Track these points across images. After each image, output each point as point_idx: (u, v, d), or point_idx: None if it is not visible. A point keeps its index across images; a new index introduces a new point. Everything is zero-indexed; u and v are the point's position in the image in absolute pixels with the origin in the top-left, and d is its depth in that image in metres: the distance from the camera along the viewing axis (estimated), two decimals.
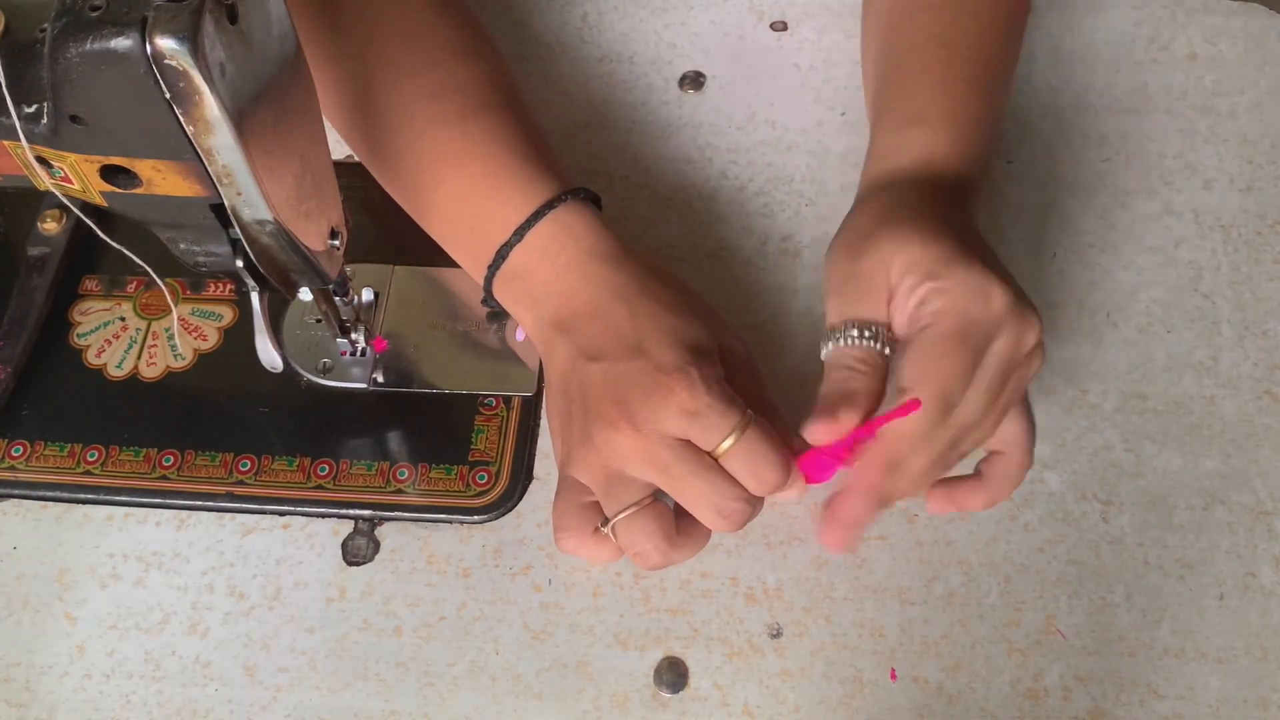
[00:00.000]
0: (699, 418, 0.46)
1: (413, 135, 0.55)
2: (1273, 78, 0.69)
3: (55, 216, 0.63)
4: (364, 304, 0.59)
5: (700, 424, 0.47)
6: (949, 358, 0.45)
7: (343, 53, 0.56)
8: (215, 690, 0.53)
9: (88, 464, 0.58)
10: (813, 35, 0.72)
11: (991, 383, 0.46)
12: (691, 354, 0.48)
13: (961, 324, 0.45)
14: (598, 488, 0.50)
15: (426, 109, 0.55)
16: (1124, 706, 0.52)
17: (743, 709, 0.52)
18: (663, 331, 0.49)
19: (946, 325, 0.45)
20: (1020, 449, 0.50)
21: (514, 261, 0.53)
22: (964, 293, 0.45)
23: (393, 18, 0.56)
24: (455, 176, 0.55)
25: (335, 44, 0.56)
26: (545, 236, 0.53)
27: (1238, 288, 0.62)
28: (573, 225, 0.53)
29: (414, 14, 0.57)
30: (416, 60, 0.56)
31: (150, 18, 0.36)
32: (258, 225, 0.45)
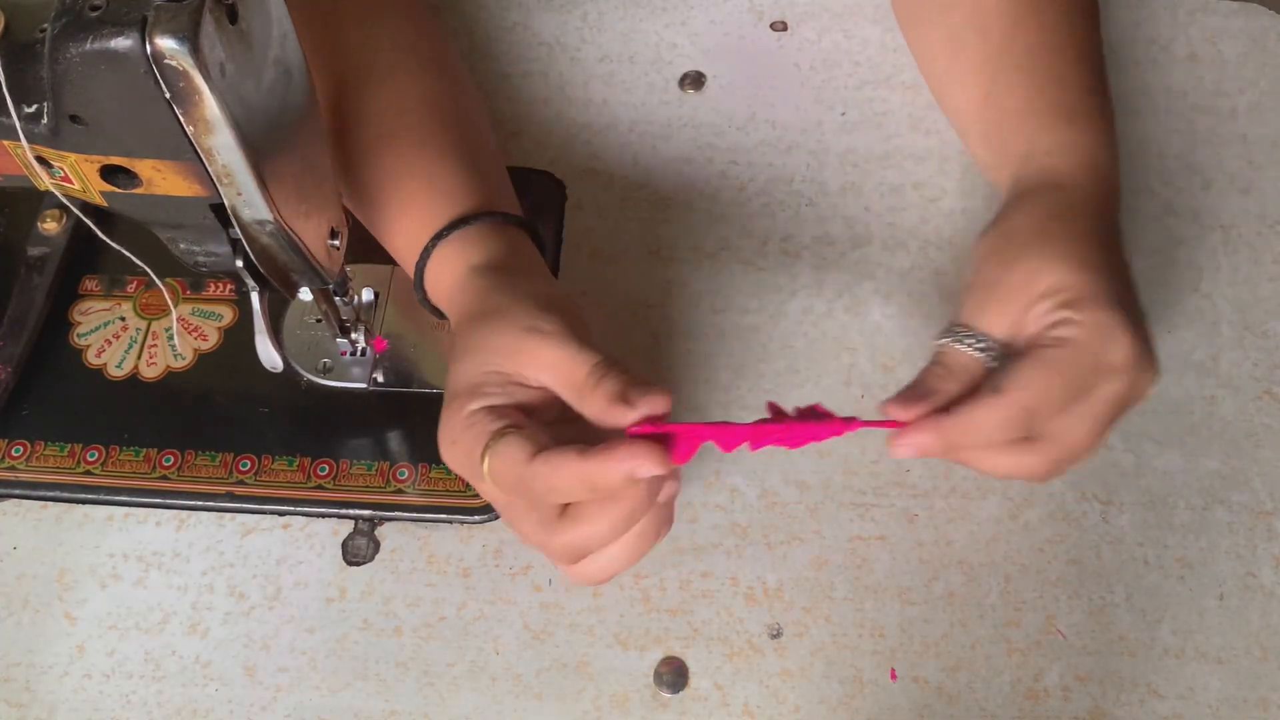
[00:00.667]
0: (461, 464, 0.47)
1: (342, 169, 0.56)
2: (1273, 78, 0.69)
3: (55, 216, 0.63)
4: (364, 304, 0.59)
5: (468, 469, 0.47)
6: (1050, 382, 0.46)
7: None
8: (215, 690, 0.53)
9: (88, 464, 0.58)
10: (813, 35, 0.72)
11: (1097, 421, 0.47)
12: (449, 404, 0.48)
13: (1077, 359, 0.46)
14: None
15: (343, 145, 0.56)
16: (1124, 706, 0.52)
17: (743, 709, 0.52)
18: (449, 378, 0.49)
19: (1064, 355, 0.46)
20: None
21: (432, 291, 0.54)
22: (1092, 333, 0.46)
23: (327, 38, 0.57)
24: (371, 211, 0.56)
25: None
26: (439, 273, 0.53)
27: (1238, 288, 0.62)
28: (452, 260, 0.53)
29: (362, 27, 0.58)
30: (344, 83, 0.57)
31: (150, 18, 0.36)
32: (258, 225, 0.45)
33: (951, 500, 0.57)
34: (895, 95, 0.69)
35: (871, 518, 0.56)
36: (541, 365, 0.46)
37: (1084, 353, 0.46)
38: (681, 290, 0.63)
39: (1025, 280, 0.48)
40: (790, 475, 0.57)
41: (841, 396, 0.59)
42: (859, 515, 0.56)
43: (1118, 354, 0.46)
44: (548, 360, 0.46)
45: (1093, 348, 0.46)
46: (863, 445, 0.58)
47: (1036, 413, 0.46)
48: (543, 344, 0.46)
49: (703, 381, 0.60)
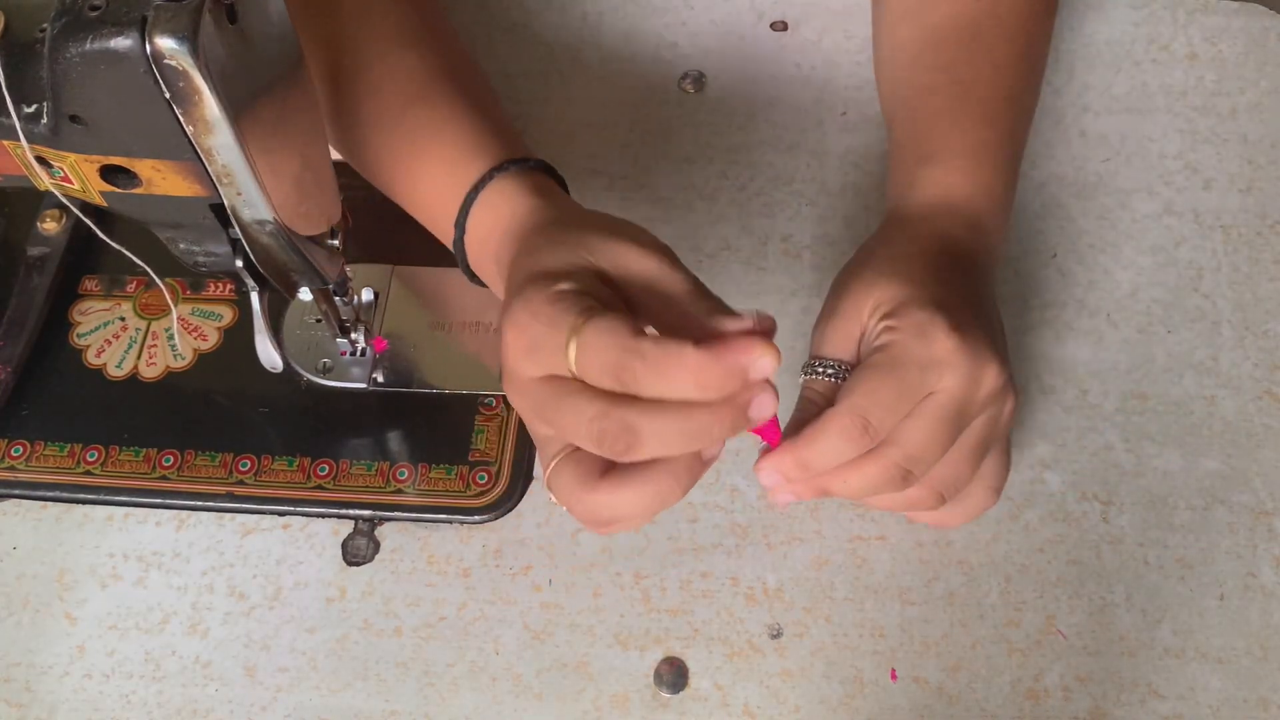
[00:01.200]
0: (533, 346, 0.42)
1: (362, 135, 0.56)
2: (1273, 78, 0.69)
3: (55, 216, 0.63)
4: (364, 304, 0.59)
5: (539, 352, 0.42)
6: (877, 384, 0.46)
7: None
8: (215, 690, 0.53)
9: (88, 464, 0.58)
10: (813, 35, 0.72)
11: (938, 421, 0.46)
12: (526, 286, 0.43)
13: (899, 358, 0.46)
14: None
15: (372, 105, 0.55)
16: (1124, 706, 0.52)
17: (743, 709, 0.52)
18: (511, 278, 0.46)
19: (885, 356, 0.47)
20: (982, 485, 0.51)
21: (473, 239, 0.52)
22: (909, 332, 0.47)
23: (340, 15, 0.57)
24: (402, 176, 0.55)
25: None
26: (483, 216, 0.51)
27: (1238, 288, 0.62)
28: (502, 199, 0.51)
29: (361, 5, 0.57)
30: (367, 52, 0.56)
31: (150, 17, 0.36)
32: (258, 225, 0.45)
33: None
34: None
35: (871, 518, 0.56)
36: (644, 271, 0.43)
37: (904, 352, 0.46)
38: None
39: (855, 303, 0.49)
40: None
41: None
42: (859, 515, 0.56)
43: (938, 349, 0.46)
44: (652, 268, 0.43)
45: (912, 347, 0.46)
46: None
47: (870, 413, 0.45)
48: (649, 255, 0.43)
49: None
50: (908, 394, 0.46)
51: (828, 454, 0.46)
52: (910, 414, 0.46)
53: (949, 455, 0.47)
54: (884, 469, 0.46)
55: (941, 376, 0.46)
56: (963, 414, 0.47)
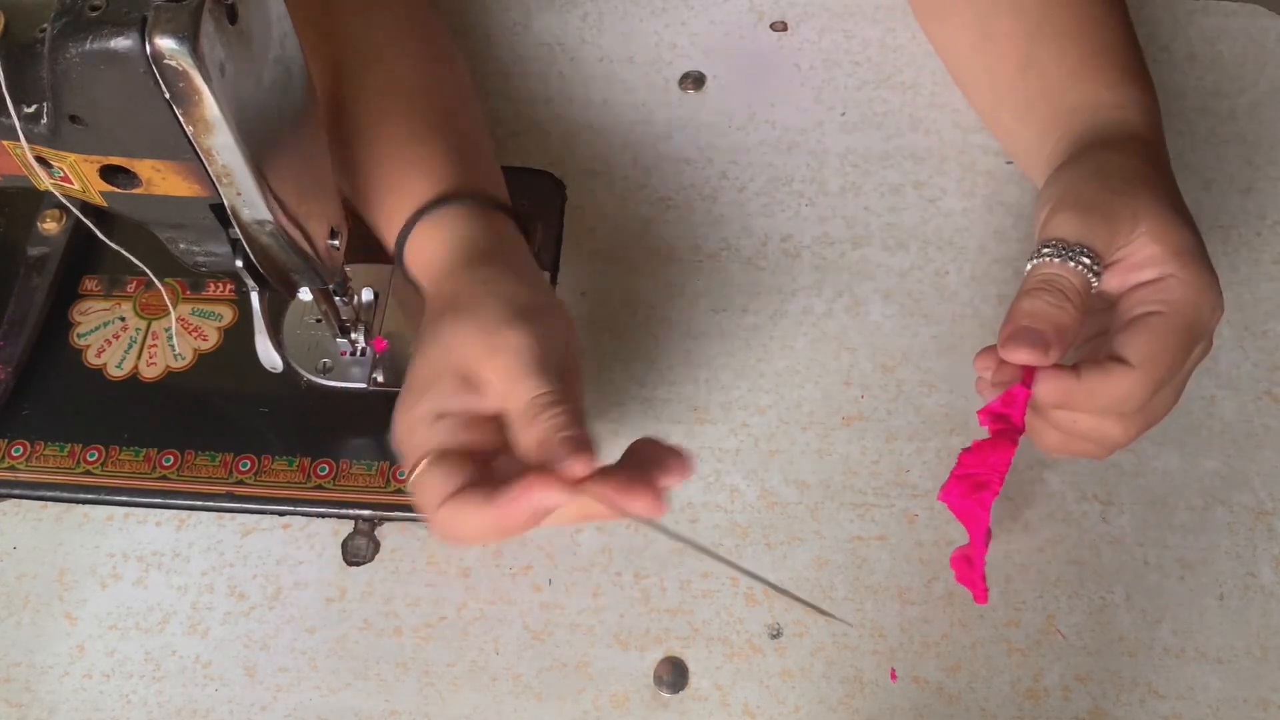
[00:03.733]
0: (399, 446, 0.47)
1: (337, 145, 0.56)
2: (1272, 78, 0.69)
3: (55, 216, 0.63)
4: (364, 304, 0.59)
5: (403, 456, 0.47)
6: (1176, 351, 0.46)
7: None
8: (215, 690, 0.53)
9: (88, 464, 0.58)
10: (813, 35, 0.72)
11: (1181, 387, 0.48)
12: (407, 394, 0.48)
13: (1192, 325, 0.46)
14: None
15: (349, 115, 0.56)
16: (1124, 706, 0.52)
17: (743, 709, 0.52)
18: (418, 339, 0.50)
19: (1182, 320, 0.46)
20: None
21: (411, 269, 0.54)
22: (1199, 294, 0.46)
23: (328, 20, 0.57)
24: (359, 190, 0.56)
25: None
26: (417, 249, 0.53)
27: (1238, 288, 0.62)
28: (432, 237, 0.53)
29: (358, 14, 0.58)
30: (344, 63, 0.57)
31: (150, 18, 0.36)
32: (258, 225, 0.45)
33: None
34: (895, 95, 0.69)
35: (871, 518, 0.56)
36: (494, 378, 0.46)
37: (1195, 318, 0.46)
38: (681, 290, 0.63)
39: (1132, 214, 0.47)
40: (790, 475, 0.57)
41: (841, 396, 0.59)
42: (859, 515, 0.56)
43: (1215, 316, 0.47)
44: (499, 376, 0.45)
45: (1200, 311, 0.46)
46: (863, 445, 0.58)
47: (1162, 382, 0.46)
48: (497, 357, 0.45)
49: (703, 381, 0.60)
50: (1185, 358, 0.46)
51: (1101, 405, 0.46)
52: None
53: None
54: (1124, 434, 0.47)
55: (1204, 343, 0.47)
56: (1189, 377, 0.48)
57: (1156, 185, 0.49)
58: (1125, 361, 0.46)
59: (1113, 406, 0.46)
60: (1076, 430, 0.48)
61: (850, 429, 0.59)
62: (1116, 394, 0.46)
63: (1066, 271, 0.46)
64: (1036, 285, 0.47)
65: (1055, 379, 0.46)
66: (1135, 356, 0.46)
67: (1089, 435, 0.48)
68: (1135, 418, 0.47)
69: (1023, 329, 0.46)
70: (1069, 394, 0.46)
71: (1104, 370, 0.46)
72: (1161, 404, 0.48)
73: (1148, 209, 0.47)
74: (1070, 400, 0.46)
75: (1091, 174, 0.50)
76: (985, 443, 0.48)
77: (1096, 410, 0.47)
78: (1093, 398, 0.46)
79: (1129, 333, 0.46)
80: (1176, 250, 0.47)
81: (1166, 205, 0.48)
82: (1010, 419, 0.48)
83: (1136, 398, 0.46)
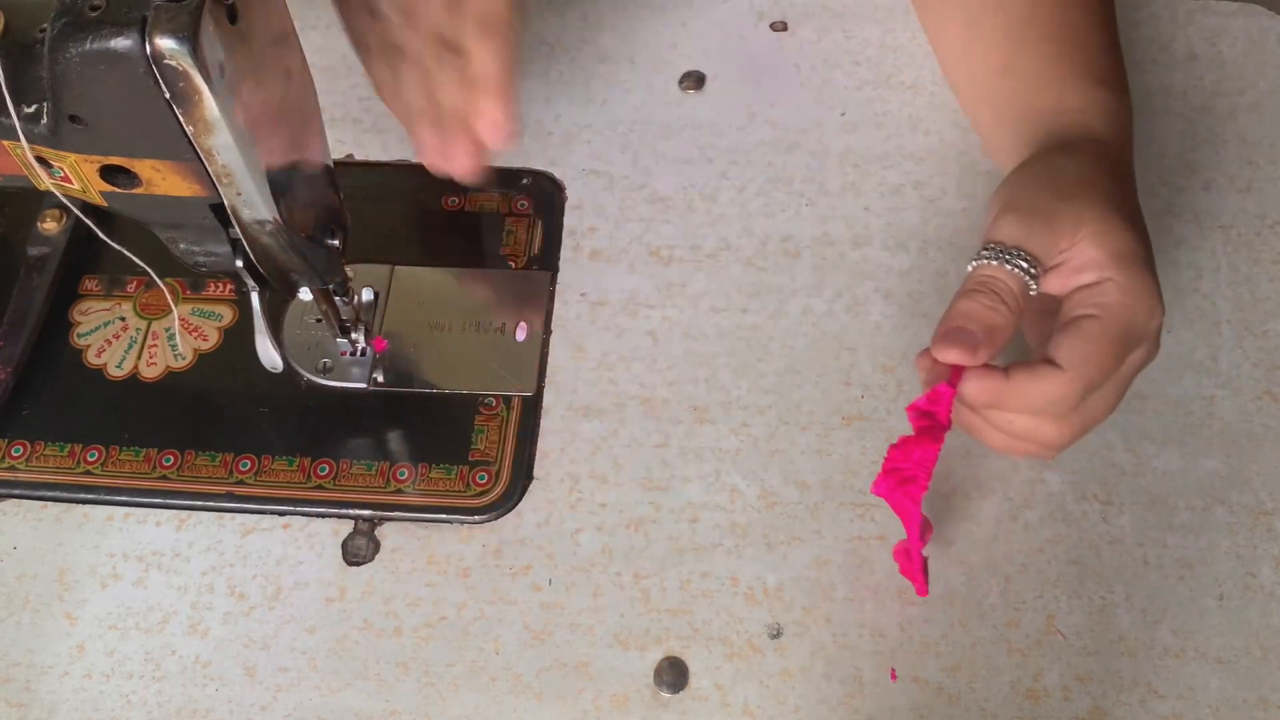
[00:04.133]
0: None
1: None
2: (1272, 78, 0.69)
3: (55, 216, 0.63)
4: (364, 304, 0.59)
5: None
6: (1108, 355, 0.46)
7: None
8: (215, 690, 0.53)
9: (88, 464, 0.58)
10: (813, 35, 0.72)
11: (1120, 390, 0.48)
12: None
13: (1127, 329, 0.46)
14: None
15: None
16: (1124, 706, 0.52)
17: (743, 709, 0.52)
18: None
19: (1117, 324, 0.46)
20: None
21: None
22: (1137, 298, 0.46)
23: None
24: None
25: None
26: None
27: (1238, 288, 0.62)
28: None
29: None
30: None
31: (150, 18, 0.36)
32: (258, 225, 0.45)
33: (951, 500, 0.57)
34: (895, 95, 0.69)
35: (871, 518, 0.56)
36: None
37: (1130, 322, 0.46)
38: (681, 290, 0.63)
39: (1074, 218, 0.47)
40: (790, 475, 0.57)
41: (841, 397, 0.59)
42: (859, 515, 0.56)
43: (1154, 322, 0.47)
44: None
45: (1137, 315, 0.46)
46: (863, 445, 0.58)
47: (1094, 386, 0.46)
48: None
49: (703, 381, 0.60)
50: (1119, 362, 0.46)
51: (1031, 406, 0.46)
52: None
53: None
54: (1061, 435, 0.47)
55: (1143, 349, 0.47)
56: (1130, 382, 0.48)
57: (1104, 190, 0.49)
58: (1056, 364, 0.46)
59: (1043, 408, 0.47)
60: (1014, 430, 0.48)
61: (850, 429, 0.59)
62: (1045, 396, 0.46)
63: (1003, 274, 0.47)
64: (973, 286, 0.47)
65: (983, 379, 0.46)
66: (1065, 359, 0.46)
67: (1027, 436, 0.48)
68: (1071, 419, 0.48)
69: (954, 329, 0.46)
70: (998, 394, 0.46)
71: (1033, 372, 0.46)
72: (1099, 406, 0.48)
73: (1090, 213, 0.47)
74: (1000, 400, 0.47)
75: (1039, 178, 0.50)
76: (910, 439, 0.49)
77: (1027, 411, 0.47)
78: (1022, 398, 0.46)
79: (1061, 335, 0.47)
80: (1115, 255, 0.47)
81: (1111, 210, 0.48)
82: (935, 416, 0.48)
83: (1066, 400, 0.46)
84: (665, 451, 0.58)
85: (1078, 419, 0.48)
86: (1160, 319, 0.47)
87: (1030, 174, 0.51)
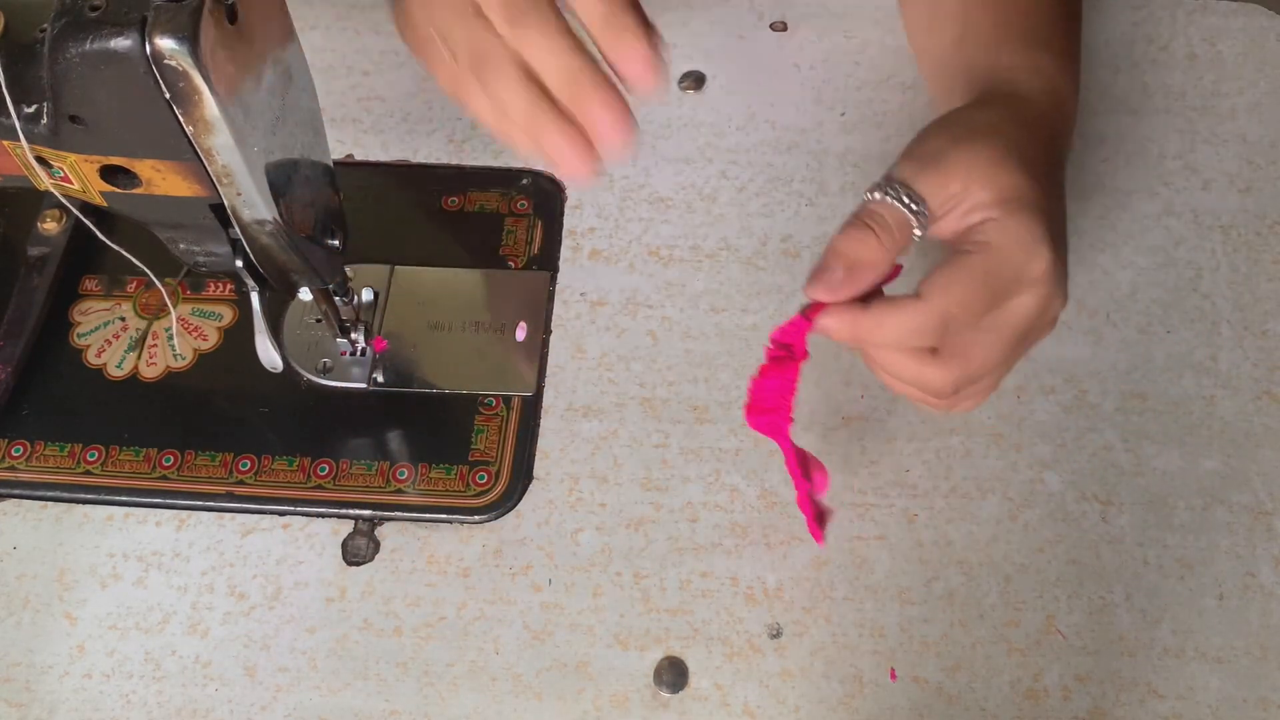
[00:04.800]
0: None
1: None
2: (1272, 78, 0.69)
3: (55, 216, 0.63)
4: (364, 304, 0.59)
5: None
6: (970, 290, 0.45)
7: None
8: (215, 690, 0.53)
9: (88, 464, 0.58)
10: (813, 35, 0.72)
11: (1004, 338, 0.46)
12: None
13: (999, 268, 0.46)
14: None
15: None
16: (1124, 706, 0.52)
17: (743, 709, 0.52)
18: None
19: (988, 262, 0.46)
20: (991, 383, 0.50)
21: None
22: (1016, 240, 0.46)
23: None
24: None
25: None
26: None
27: (1237, 288, 0.62)
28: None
29: None
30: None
31: (150, 18, 0.36)
32: (257, 225, 0.45)
33: (951, 500, 0.57)
34: (895, 95, 0.69)
35: (871, 518, 0.56)
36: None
37: (1005, 259, 0.46)
38: (681, 290, 0.63)
39: (967, 161, 0.47)
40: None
41: (841, 396, 0.59)
42: (859, 515, 0.56)
43: (1037, 267, 0.46)
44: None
45: (1013, 254, 0.46)
46: (863, 445, 0.58)
47: (954, 319, 0.45)
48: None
49: (703, 381, 0.60)
50: (993, 303, 0.46)
51: (890, 339, 0.46)
52: (981, 326, 0.46)
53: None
54: (943, 377, 0.46)
55: (1025, 294, 0.46)
56: (1027, 338, 0.47)
57: (1008, 138, 0.49)
58: (917, 295, 0.45)
59: (902, 338, 0.46)
60: (900, 374, 0.48)
61: (850, 429, 0.59)
62: (902, 325, 0.45)
63: (884, 209, 0.46)
64: (850, 220, 0.47)
65: (841, 312, 0.46)
66: (924, 289, 0.45)
67: (914, 381, 0.48)
68: (950, 363, 0.47)
69: (820, 269, 0.46)
70: (855, 325, 0.46)
71: (890, 302, 0.46)
72: (981, 351, 0.47)
73: (983, 156, 0.47)
74: (860, 332, 0.46)
75: (945, 125, 0.50)
76: (767, 368, 0.49)
77: (889, 344, 0.46)
78: (880, 329, 0.46)
79: (932, 271, 0.46)
80: (1002, 197, 0.46)
81: (1007, 155, 0.47)
82: (791, 349, 0.48)
83: (924, 329, 0.45)
84: (665, 451, 0.58)
85: (957, 363, 0.47)
86: (1044, 266, 0.46)
87: (939, 123, 0.50)
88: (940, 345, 0.46)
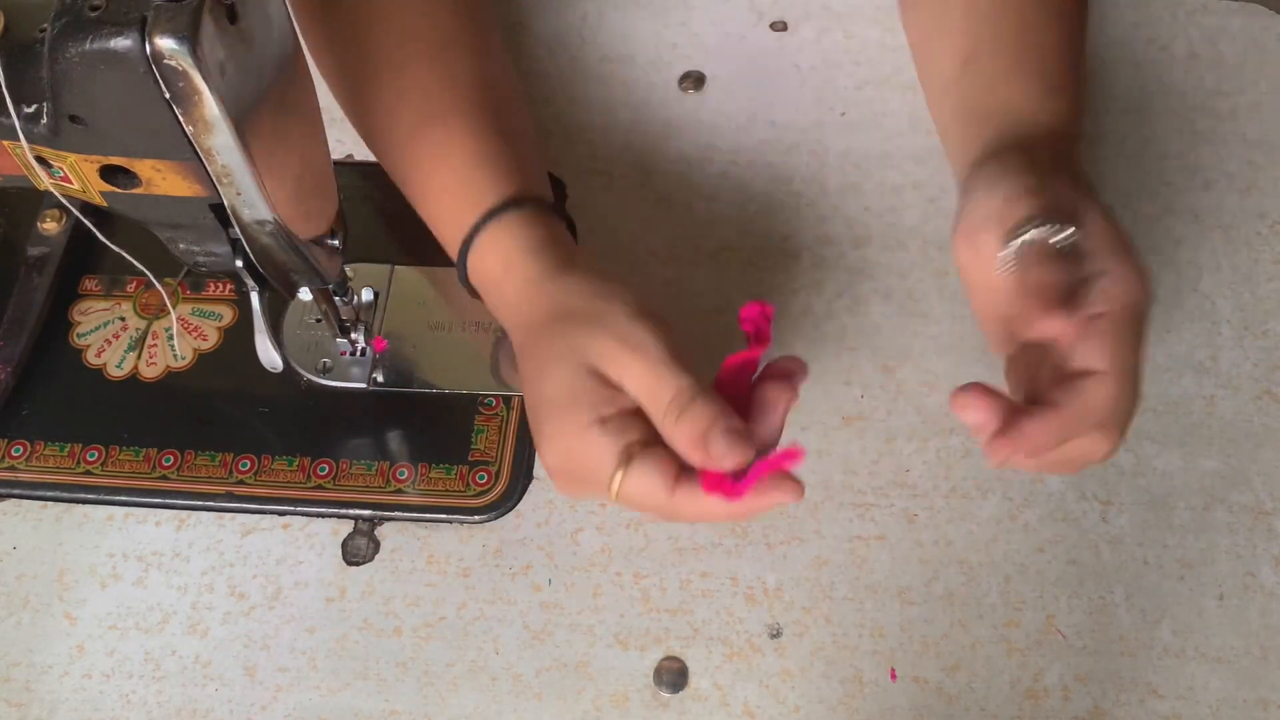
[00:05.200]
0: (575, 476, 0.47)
1: (386, 141, 0.56)
2: (1273, 78, 0.69)
3: (55, 216, 0.63)
4: (364, 304, 0.59)
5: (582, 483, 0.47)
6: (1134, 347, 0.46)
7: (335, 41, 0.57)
8: (215, 690, 0.53)
9: (88, 464, 0.58)
10: (813, 35, 0.72)
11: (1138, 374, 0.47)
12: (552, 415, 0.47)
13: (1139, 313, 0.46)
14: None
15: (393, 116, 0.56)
16: (1124, 706, 0.52)
17: (743, 709, 0.52)
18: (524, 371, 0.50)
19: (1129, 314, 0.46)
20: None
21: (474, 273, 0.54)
22: (1135, 282, 0.46)
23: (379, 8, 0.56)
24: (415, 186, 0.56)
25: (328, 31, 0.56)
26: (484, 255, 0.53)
27: (1237, 288, 0.62)
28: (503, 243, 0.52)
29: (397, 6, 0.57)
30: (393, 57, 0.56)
31: (150, 18, 0.36)
32: (258, 225, 0.45)
33: (951, 500, 0.57)
34: (895, 95, 0.69)
35: (871, 518, 0.56)
36: (631, 379, 0.46)
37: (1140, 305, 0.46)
38: (681, 290, 0.63)
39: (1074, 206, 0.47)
40: None
41: (842, 397, 0.59)
42: (859, 515, 0.56)
43: (1147, 304, 0.47)
44: (637, 375, 0.46)
45: (1141, 296, 0.46)
46: (863, 445, 0.58)
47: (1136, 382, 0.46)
48: (637, 356, 0.46)
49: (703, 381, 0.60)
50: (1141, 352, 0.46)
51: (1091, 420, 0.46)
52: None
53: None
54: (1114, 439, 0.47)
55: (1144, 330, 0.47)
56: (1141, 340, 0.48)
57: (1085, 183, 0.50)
58: (1092, 371, 0.45)
59: (1105, 419, 0.46)
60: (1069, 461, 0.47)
61: (850, 429, 0.59)
62: (1103, 406, 0.45)
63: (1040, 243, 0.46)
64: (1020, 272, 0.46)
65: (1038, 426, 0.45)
66: (1104, 362, 0.45)
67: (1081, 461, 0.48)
68: (1113, 428, 0.47)
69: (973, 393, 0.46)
70: (1059, 431, 0.45)
71: (1077, 390, 0.45)
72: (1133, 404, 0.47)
73: (1084, 203, 0.47)
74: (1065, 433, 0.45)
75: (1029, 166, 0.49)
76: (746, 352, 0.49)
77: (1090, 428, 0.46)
78: (1080, 421, 0.45)
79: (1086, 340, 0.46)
80: (1114, 245, 0.46)
81: (1096, 200, 0.48)
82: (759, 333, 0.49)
83: (1120, 402, 0.45)
84: None
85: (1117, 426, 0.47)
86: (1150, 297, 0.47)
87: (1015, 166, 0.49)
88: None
